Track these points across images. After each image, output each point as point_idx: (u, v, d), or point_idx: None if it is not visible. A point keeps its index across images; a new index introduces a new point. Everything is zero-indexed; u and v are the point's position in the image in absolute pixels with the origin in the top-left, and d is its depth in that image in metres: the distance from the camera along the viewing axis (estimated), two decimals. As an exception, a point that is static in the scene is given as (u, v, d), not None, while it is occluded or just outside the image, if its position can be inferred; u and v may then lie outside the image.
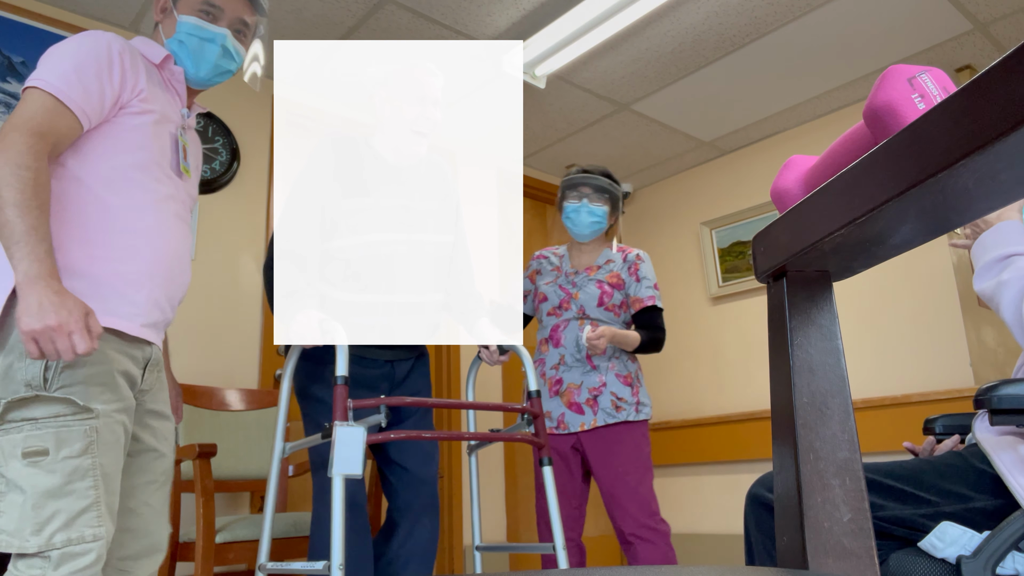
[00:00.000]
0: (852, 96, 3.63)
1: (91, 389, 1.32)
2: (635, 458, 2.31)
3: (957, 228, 1.38)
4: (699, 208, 4.31)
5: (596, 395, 2.35)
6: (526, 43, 3.05)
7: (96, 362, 1.34)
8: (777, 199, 0.75)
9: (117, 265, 1.40)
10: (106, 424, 1.33)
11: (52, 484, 1.25)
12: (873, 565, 0.51)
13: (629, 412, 2.35)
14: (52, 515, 1.25)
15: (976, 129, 0.35)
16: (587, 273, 2.48)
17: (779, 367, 0.57)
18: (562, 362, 2.41)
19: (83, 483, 1.28)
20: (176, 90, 1.59)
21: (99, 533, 1.28)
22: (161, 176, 1.50)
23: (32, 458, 1.26)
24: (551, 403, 2.39)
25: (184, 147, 1.57)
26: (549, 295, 2.49)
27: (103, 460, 1.32)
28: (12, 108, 2.65)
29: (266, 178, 3.24)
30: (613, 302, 2.43)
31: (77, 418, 1.29)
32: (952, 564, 1.13)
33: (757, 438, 3.71)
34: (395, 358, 1.99)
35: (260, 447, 2.62)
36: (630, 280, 2.45)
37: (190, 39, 1.55)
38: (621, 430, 2.34)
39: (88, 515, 1.28)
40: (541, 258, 2.62)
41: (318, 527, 1.83)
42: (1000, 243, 1.28)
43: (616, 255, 2.51)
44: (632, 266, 2.46)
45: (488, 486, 3.68)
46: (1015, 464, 1.14)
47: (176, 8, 1.56)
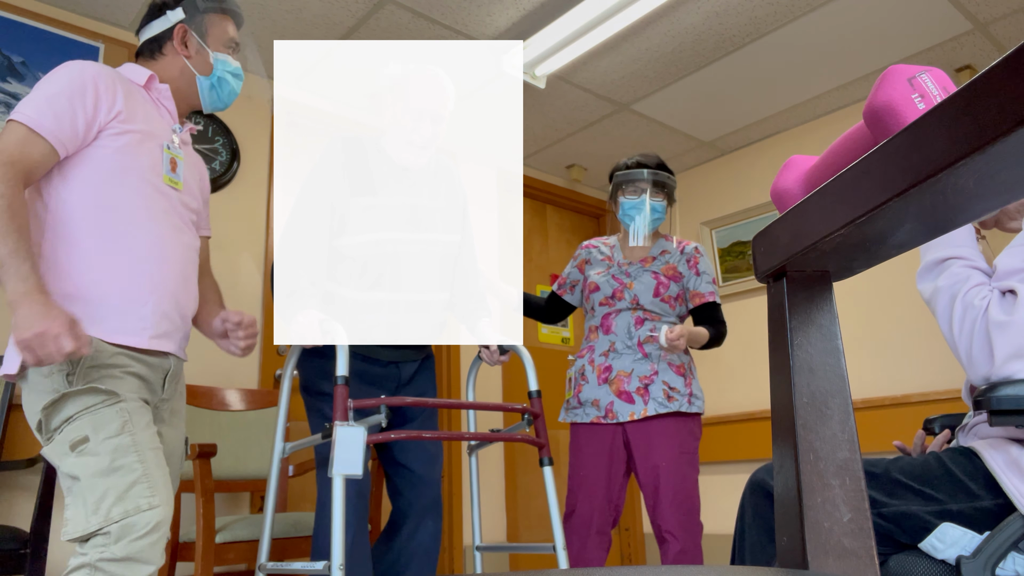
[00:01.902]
0: (852, 96, 3.63)
1: (114, 381, 1.43)
2: (683, 452, 2.21)
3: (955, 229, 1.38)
4: (699, 208, 4.31)
5: (647, 384, 2.25)
6: (526, 43, 3.05)
7: (113, 364, 1.44)
8: (777, 199, 0.75)
9: (118, 284, 1.48)
10: (136, 408, 1.43)
11: (100, 465, 1.35)
12: (873, 565, 0.51)
13: (682, 403, 2.24)
14: (104, 493, 1.33)
15: (976, 129, 0.35)
16: (641, 264, 2.40)
17: (779, 367, 0.56)
18: (612, 349, 2.32)
19: (127, 459, 1.36)
20: (165, 107, 1.66)
21: (153, 502, 1.36)
22: (153, 192, 1.56)
23: (78, 448, 1.36)
24: (599, 391, 2.29)
25: (173, 160, 1.63)
26: (601, 285, 2.40)
27: (141, 437, 1.41)
28: (12, 108, 2.66)
29: (266, 178, 3.24)
30: (669, 294, 2.34)
31: (107, 403, 1.40)
32: (952, 565, 1.13)
33: (757, 438, 3.71)
34: (402, 359, 1.99)
35: (260, 447, 2.62)
36: (689, 274, 2.37)
37: (227, 75, 1.71)
38: (672, 422, 2.23)
39: (139, 487, 1.35)
40: (591, 247, 2.54)
41: (318, 528, 1.82)
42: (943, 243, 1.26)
43: (672, 246, 2.43)
44: (691, 259, 2.39)
45: (488, 486, 3.68)
46: (1009, 465, 1.14)
47: (207, 45, 1.68)
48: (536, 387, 1.89)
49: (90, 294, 1.45)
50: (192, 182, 1.69)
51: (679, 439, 2.23)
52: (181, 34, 1.67)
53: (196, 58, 1.69)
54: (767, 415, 3.71)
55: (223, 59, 1.70)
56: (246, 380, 2.98)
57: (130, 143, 1.52)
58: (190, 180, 1.68)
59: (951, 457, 1.26)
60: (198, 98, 1.72)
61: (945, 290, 1.21)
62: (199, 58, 1.69)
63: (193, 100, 1.72)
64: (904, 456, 1.29)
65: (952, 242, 1.26)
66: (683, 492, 2.18)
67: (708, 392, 4.04)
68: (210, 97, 1.72)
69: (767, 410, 2.78)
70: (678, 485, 2.18)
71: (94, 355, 1.42)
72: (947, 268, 1.23)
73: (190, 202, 1.67)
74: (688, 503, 2.19)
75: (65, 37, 2.81)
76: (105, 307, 1.46)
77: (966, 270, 1.21)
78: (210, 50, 1.69)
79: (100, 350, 1.44)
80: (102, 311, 1.46)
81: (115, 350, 1.46)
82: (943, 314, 1.21)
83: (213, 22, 1.70)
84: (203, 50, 1.68)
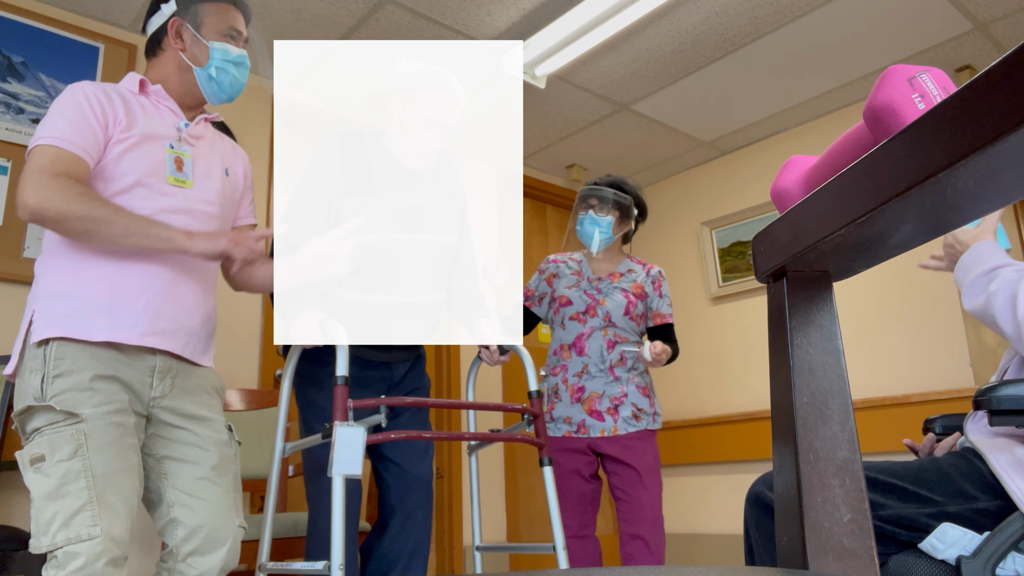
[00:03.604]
0: (852, 96, 3.63)
1: (79, 395, 1.41)
2: (650, 464, 2.40)
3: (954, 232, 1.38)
4: (699, 208, 4.31)
5: (617, 404, 2.42)
6: (526, 43, 3.05)
7: (80, 369, 1.43)
8: (777, 199, 0.75)
9: (107, 283, 1.49)
10: (97, 426, 1.40)
11: (49, 488, 1.35)
12: (873, 565, 0.51)
13: (647, 421, 2.43)
14: (52, 517, 1.34)
15: (976, 129, 0.35)
16: (611, 280, 2.52)
17: (779, 367, 0.56)
18: (585, 371, 2.45)
19: (76, 484, 1.36)
20: (166, 107, 1.65)
21: (94, 532, 1.34)
22: (155, 193, 1.56)
23: (36, 464, 1.37)
24: (571, 409, 2.44)
25: (179, 159, 1.62)
26: (574, 300, 2.50)
27: (95, 461, 1.38)
28: (12, 108, 2.66)
29: (266, 178, 3.24)
30: (636, 312, 2.49)
31: (65, 423, 1.39)
32: (952, 565, 1.13)
33: (757, 438, 3.71)
34: (393, 360, 1.99)
35: (260, 447, 2.62)
36: (653, 295, 2.53)
37: (226, 64, 1.66)
38: (639, 437, 2.41)
39: (83, 515, 1.35)
40: (558, 262, 2.63)
41: (314, 529, 1.82)
42: (982, 260, 1.28)
43: (636, 267, 2.57)
44: (655, 282, 2.55)
45: (488, 486, 3.68)
46: (1012, 466, 1.14)
47: (202, 35, 1.65)
48: (536, 387, 1.89)
49: (79, 291, 1.46)
50: (208, 177, 1.67)
51: (647, 451, 2.42)
52: (175, 27, 1.64)
53: (192, 50, 1.65)
54: (767, 415, 3.71)
55: (220, 48, 1.65)
56: (246, 380, 2.98)
57: (127, 149, 1.53)
58: (206, 175, 1.66)
59: (948, 460, 1.26)
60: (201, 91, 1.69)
61: (1001, 291, 1.21)
62: (195, 49, 1.65)
63: (197, 93, 1.68)
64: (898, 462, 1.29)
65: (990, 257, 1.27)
66: (650, 502, 2.36)
67: (708, 392, 4.04)
68: (210, 88, 1.67)
69: (767, 410, 2.78)
70: (648, 495, 2.36)
71: (62, 362, 1.41)
72: (997, 275, 1.24)
73: (207, 196, 1.65)
74: (656, 512, 2.36)
75: (65, 37, 2.81)
76: (93, 305, 1.46)
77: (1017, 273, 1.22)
78: (205, 40, 1.64)
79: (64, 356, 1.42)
80: (90, 309, 1.46)
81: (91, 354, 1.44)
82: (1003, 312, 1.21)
83: (208, 11, 1.66)
84: (198, 41, 1.64)
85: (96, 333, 1.45)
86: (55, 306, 1.45)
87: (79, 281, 1.47)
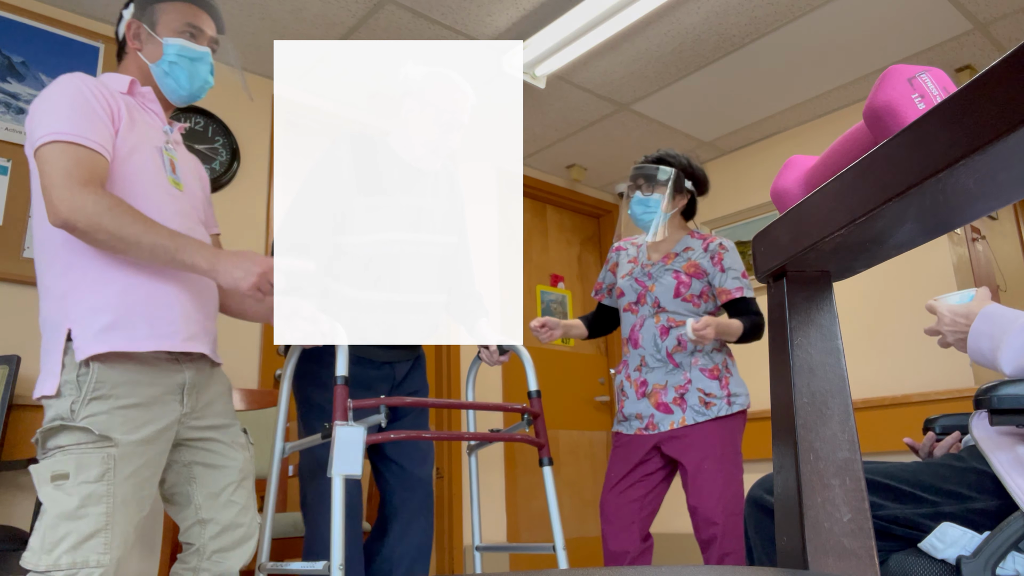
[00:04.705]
0: (852, 96, 3.63)
1: (113, 420, 1.40)
2: (723, 456, 2.20)
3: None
4: (699, 208, 4.30)
5: (683, 393, 2.25)
6: (526, 43, 3.05)
7: (119, 395, 1.42)
8: (777, 199, 0.75)
9: (143, 291, 1.47)
10: (126, 454, 1.40)
11: (68, 506, 1.33)
12: (873, 565, 0.51)
13: (720, 406, 2.23)
14: (63, 536, 1.31)
15: (976, 129, 0.35)
16: (663, 263, 2.36)
17: (779, 367, 0.56)
18: (644, 363, 2.32)
19: (96, 508, 1.34)
20: (152, 110, 1.63)
21: (103, 560, 1.33)
22: (163, 196, 1.55)
23: (57, 481, 1.34)
24: (639, 405, 2.30)
25: (172, 161, 1.61)
26: (625, 290, 2.38)
27: (120, 489, 1.38)
28: (12, 108, 2.66)
29: (266, 178, 3.24)
30: (691, 292, 2.30)
31: (95, 446, 1.37)
32: (952, 565, 1.13)
33: (757, 438, 3.71)
34: (394, 359, 1.99)
35: (260, 447, 2.62)
36: (714, 271, 2.31)
37: (182, 60, 1.62)
38: (711, 428, 2.22)
39: (96, 540, 1.33)
40: (620, 250, 2.51)
41: (314, 530, 1.82)
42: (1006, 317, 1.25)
43: (696, 243, 2.38)
44: (715, 256, 2.33)
45: (488, 486, 3.68)
46: (1013, 465, 1.14)
47: (156, 32, 1.61)
48: (536, 387, 1.89)
49: (117, 303, 1.44)
50: (192, 182, 1.68)
51: (720, 442, 2.21)
52: (132, 28, 1.62)
53: (147, 48, 1.62)
54: (767, 415, 3.71)
55: (175, 43, 1.61)
56: (246, 380, 2.98)
57: (133, 150, 1.51)
58: (190, 180, 1.67)
59: (944, 460, 1.26)
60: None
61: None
62: (149, 48, 1.62)
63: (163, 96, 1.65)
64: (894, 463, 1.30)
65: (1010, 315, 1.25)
66: (728, 497, 2.15)
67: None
68: (167, 85, 1.63)
69: (767, 410, 2.78)
70: (722, 490, 2.16)
71: (103, 385, 1.40)
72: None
73: (195, 203, 1.66)
74: (735, 506, 2.16)
75: (65, 37, 2.81)
76: (134, 315, 1.44)
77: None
78: (159, 37, 1.61)
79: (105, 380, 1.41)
80: (131, 319, 1.44)
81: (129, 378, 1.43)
82: None
83: (164, 10, 1.63)
84: (152, 38, 1.61)
85: (141, 343, 1.43)
86: (95, 321, 1.41)
87: (114, 292, 1.44)
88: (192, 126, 3.05)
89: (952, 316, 1.37)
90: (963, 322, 1.35)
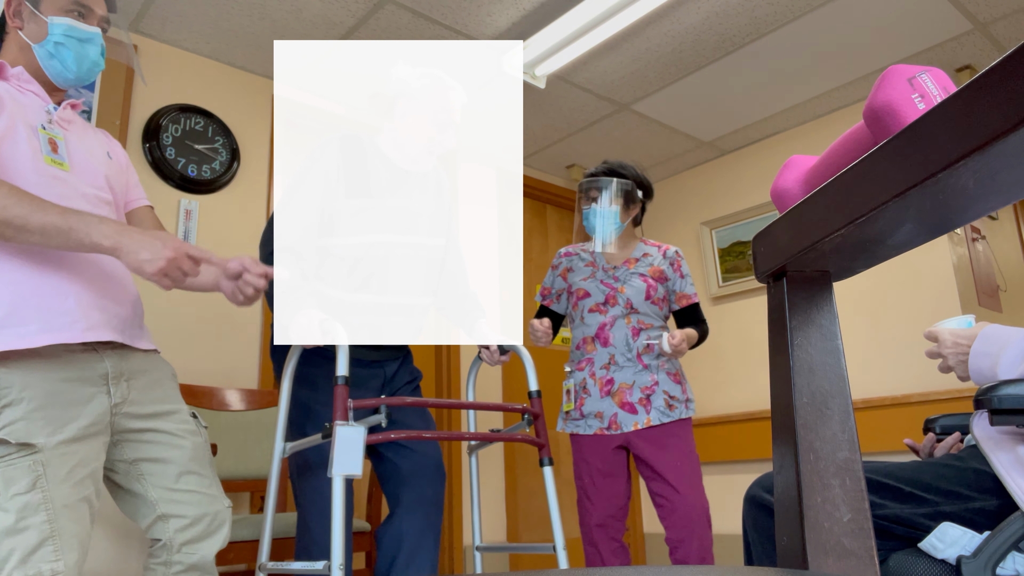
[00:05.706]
0: (852, 96, 3.63)
1: (32, 424, 1.32)
2: (687, 456, 2.30)
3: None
4: (699, 208, 4.31)
5: (649, 394, 2.33)
6: (526, 43, 3.05)
7: (30, 397, 1.33)
8: (777, 199, 0.75)
9: (30, 283, 1.37)
10: (54, 457, 1.33)
11: (6, 523, 1.26)
12: (873, 565, 0.51)
13: (681, 410, 2.35)
14: (9, 553, 1.26)
15: (976, 129, 0.35)
16: (627, 267, 2.46)
17: (779, 367, 0.56)
18: (612, 361, 2.38)
19: (36, 518, 1.28)
20: (30, 91, 1.51)
21: (57, 568, 1.28)
22: (40, 179, 1.42)
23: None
24: (603, 403, 2.35)
25: (52, 140, 1.49)
26: (591, 291, 2.44)
27: (57, 493, 1.31)
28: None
29: (266, 178, 3.24)
30: (657, 296, 2.42)
31: (19, 455, 1.30)
32: (952, 565, 1.13)
33: (757, 438, 3.71)
34: (384, 358, 2.00)
35: (260, 447, 2.62)
36: (674, 276, 2.46)
37: (68, 40, 1.52)
38: (674, 428, 2.33)
39: (44, 550, 1.28)
40: (571, 255, 2.57)
41: (304, 527, 1.83)
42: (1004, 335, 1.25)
43: (651, 249, 2.50)
44: (674, 263, 2.48)
45: (488, 486, 3.68)
46: (1013, 465, 1.14)
47: (40, 10, 1.51)
48: (536, 387, 1.89)
49: (5, 299, 1.33)
50: (90, 160, 1.56)
51: (683, 442, 2.32)
52: (12, 5, 1.51)
53: (29, 27, 1.51)
54: (767, 415, 3.71)
55: (61, 23, 1.50)
56: (246, 380, 2.98)
57: (4, 135, 1.40)
58: (87, 159, 1.55)
59: (944, 460, 1.26)
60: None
61: None
62: (32, 27, 1.51)
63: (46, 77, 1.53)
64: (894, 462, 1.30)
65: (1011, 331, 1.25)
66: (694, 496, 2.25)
67: (708, 392, 4.04)
68: (52, 67, 1.52)
69: (767, 410, 2.78)
70: (689, 489, 2.25)
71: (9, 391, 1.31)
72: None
73: (96, 182, 1.55)
74: (701, 505, 2.26)
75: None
76: (24, 310, 1.34)
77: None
78: (44, 15, 1.49)
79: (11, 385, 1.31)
80: (21, 315, 1.34)
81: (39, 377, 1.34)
82: None
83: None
84: (36, 16, 1.50)
85: (34, 339, 1.33)
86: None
87: (0, 286, 1.34)
88: (192, 126, 3.05)
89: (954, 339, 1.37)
90: (965, 344, 1.34)
